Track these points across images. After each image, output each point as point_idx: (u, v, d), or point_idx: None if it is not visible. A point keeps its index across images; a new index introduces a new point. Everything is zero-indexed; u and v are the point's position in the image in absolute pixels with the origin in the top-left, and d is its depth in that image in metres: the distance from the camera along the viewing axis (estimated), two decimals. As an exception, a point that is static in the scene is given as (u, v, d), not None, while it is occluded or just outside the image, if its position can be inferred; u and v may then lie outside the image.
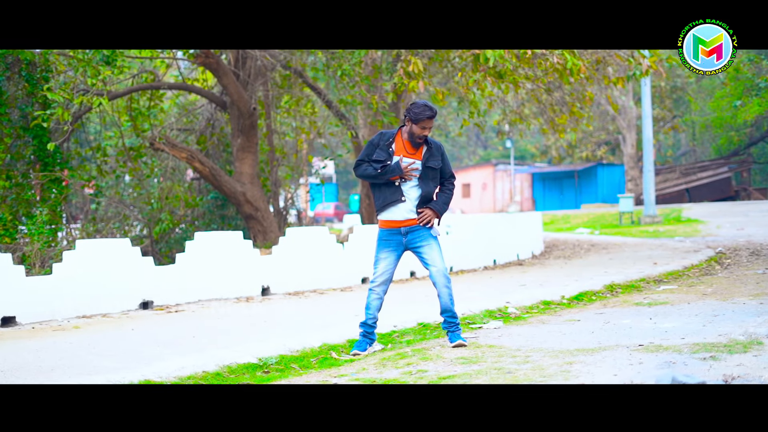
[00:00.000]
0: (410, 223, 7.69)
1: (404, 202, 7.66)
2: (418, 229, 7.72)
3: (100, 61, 13.68)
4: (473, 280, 14.50)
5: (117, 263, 11.01)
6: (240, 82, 17.50)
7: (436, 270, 7.71)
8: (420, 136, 7.56)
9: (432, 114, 7.53)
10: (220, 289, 12.17)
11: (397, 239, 7.74)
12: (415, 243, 7.74)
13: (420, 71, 14.74)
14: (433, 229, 7.78)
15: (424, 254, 7.75)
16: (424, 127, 7.53)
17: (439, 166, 7.77)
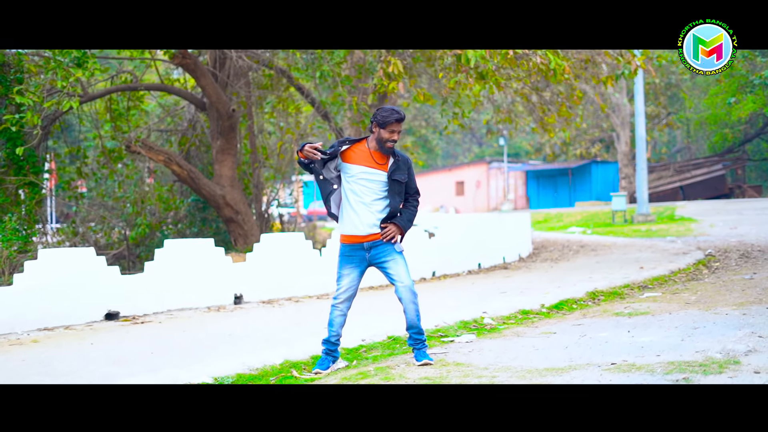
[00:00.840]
0: (373, 238, 7.34)
1: (365, 215, 7.31)
2: (382, 244, 7.36)
3: (71, 63, 13.31)
4: (454, 287, 14.17)
5: (81, 273, 10.67)
6: (219, 83, 17.16)
7: (402, 286, 7.35)
8: (389, 141, 7.20)
9: (399, 117, 7.19)
10: (191, 299, 11.84)
11: (360, 255, 7.39)
12: (379, 258, 7.39)
13: (400, 72, 14.40)
14: (397, 245, 7.43)
15: (389, 269, 7.40)
16: (393, 131, 7.18)
17: (405, 180, 7.42)
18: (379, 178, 7.28)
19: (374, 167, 7.26)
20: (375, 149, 7.29)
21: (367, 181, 7.27)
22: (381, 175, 7.28)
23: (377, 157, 7.29)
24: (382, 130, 7.20)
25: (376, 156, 7.29)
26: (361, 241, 7.32)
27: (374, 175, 7.27)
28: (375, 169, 7.26)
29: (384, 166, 7.30)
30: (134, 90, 17.40)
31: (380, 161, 7.29)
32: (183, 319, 10.90)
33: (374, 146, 7.29)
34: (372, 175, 7.26)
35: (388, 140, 7.20)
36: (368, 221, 7.29)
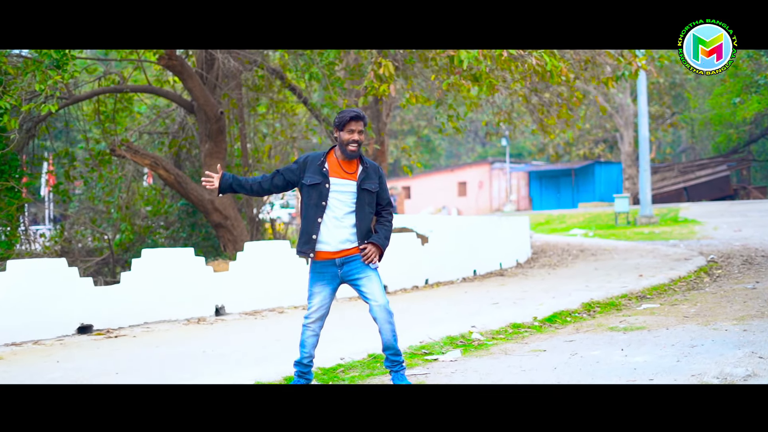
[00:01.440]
0: (345, 254, 6.83)
1: (337, 230, 6.83)
2: (355, 260, 6.86)
3: (50, 66, 12.85)
4: (445, 296, 13.69)
5: (52, 285, 10.20)
6: (207, 84, 16.71)
7: (376, 305, 6.83)
8: (350, 143, 6.71)
9: (354, 114, 6.71)
10: (170, 311, 11.38)
11: (332, 271, 6.89)
12: (352, 275, 6.88)
13: (391, 74, 13.91)
14: None
15: (362, 287, 6.87)
16: (352, 131, 6.68)
17: (376, 190, 6.92)
18: (349, 189, 6.81)
19: (344, 177, 6.80)
20: (342, 158, 6.83)
21: (338, 193, 6.80)
22: (351, 186, 6.82)
23: (345, 166, 6.82)
24: (342, 133, 6.72)
25: (344, 165, 6.83)
26: (333, 257, 6.84)
27: (345, 186, 6.79)
28: (345, 180, 6.79)
29: (353, 175, 6.84)
30: (120, 92, 16.94)
31: (349, 170, 6.83)
32: (159, 333, 10.44)
33: (340, 155, 6.83)
34: (343, 186, 6.79)
35: (349, 142, 6.70)
36: (340, 236, 6.81)
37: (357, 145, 6.73)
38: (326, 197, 6.75)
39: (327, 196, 6.75)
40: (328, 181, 6.75)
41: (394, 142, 55.85)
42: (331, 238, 6.79)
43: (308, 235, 6.79)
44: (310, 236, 6.79)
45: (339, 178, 6.78)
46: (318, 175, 6.77)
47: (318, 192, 6.77)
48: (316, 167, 6.81)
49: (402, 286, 15.03)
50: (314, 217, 6.77)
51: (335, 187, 6.76)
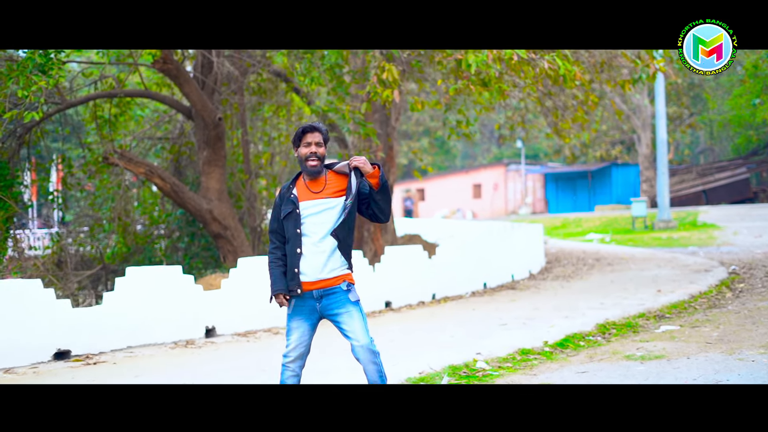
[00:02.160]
0: (324, 285, 6.07)
1: (314, 258, 6.09)
2: (335, 293, 6.11)
3: (34, 70, 12.19)
4: (452, 315, 12.95)
5: (25, 307, 9.52)
6: (205, 89, 16.02)
7: (358, 345, 6.03)
8: (309, 158, 5.98)
9: (309, 126, 6.01)
10: (156, 333, 10.69)
11: (310, 305, 6.11)
12: (331, 310, 6.08)
13: (395, 79, 13.18)
14: (352, 293, 6.18)
15: (342, 324, 6.08)
16: (309, 143, 5.96)
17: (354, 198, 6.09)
18: (323, 208, 6.02)
19: (314, 197, 6.04)
20: (306, 178, 6.10)
21: (312, 216, 6.06)
22: (325, 204, 6.02)
23: (312, 186, 6.07)
24: (300, 148, 6.04)
25: (311, 184, 6.09)
26: (310, 289, 6.10)
27: (317, 206, 6.04)
28: (316, 200, 6.04)
29: (324, 192, 6.04)
30: (113, 97, 16.25)
31: (316, 188, 6.06)
32: (142, 359, 9.74)
33: (307, 176, 6.10)
34: (315, 207, 6.03)
35: (307, 156, 5.99)
36: (317, 264, 6.06)
37: (317, 159, 6.00)
38: (299, 224, 6.03)
39: (300, 223, 6.03)
40: (298, 206, 6.04)
41: (408, 143, 55.14)
42: (308, 268, 6.06)
43: (291, 269, 6.07)
44: (293, 270, 6.06)
45: (308, 200, 6.05)
46: (288, 204, 6.07)
47: (293, 221, 6.05)
48: (286, 197, 6.11)
49: (407, 301, 14.31)
50: (293, 248, 6.06)
51: (307, 210, 6.03)
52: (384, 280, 13.92)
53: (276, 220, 6.15)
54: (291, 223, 6.05)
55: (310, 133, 5.99)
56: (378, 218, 6.15)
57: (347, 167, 6.03)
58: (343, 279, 6.11)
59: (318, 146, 5.99)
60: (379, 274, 13.91)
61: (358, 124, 15.37)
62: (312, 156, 5.98)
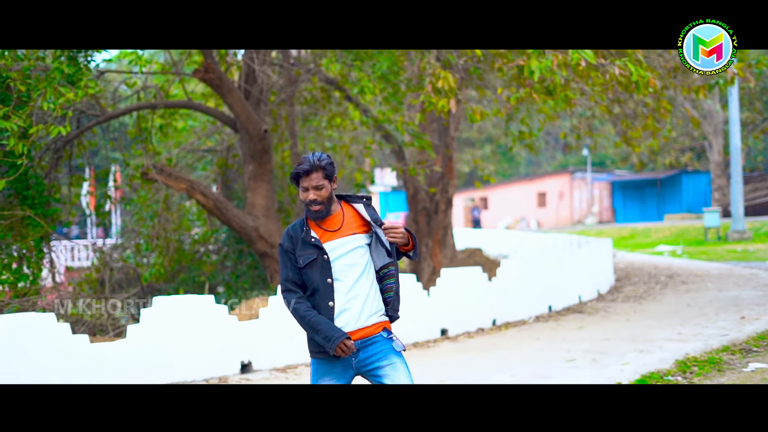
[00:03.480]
0: (362, 335, 5.02)
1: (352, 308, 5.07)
2: (375, 342, 5.04)
3: (62, 82, 11.37)
4: (513, 346, 11.80)
5: (40, 342, 8.63)
6: (250, 100, 15.10)
7: None
8: (309, 203, 4.96)
9: (305, 168, 4.93)
10: (186, 370, 9.74)
11: (344, 362, 5.08)
12: (372, 363, 5.01)
13: (451, 87, 12.16)
14: (396, 342, 5.13)
15: (386, 380, 4.97)
16: (306, 189, 4.94)
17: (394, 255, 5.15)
18: (350, 247, 5.03)
19: (335, 236, 5.02)
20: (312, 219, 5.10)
21: (342, 257, 5.03)
22: (353, 240, 5.05)
23: (325, 225, 5.03)
24: (299, 190, 5.02)
25: (323, 224, 5.04)
26: None
27: (343, 245, 5.03)
28: (340, 238, 5.03)
29: (343, 230, 5.04)
30: (155, 108, 15.43)
31: (331, 227, 5.03)
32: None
33: None
34: (342, 248, 5.02)
35: (306, 202, 5.00)
36: (354, 312, 5.00)
37: (320, 204, 4.95)
38: (329, 272, 5.00)
39: (330, 270, 5.00)
40: (325, 251, 5.01)
41: (471, 151, 54.02)
42: (342, 319, 5.04)
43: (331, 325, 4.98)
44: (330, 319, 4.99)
45: (330, 240, 5.02)
46: (308, 249, 5.01)
47: (319, 269, 5.01)
48: (302, 240, 5.04)
49: (465, 328, 13.22)
50: (324, 301, 5.01)
51: (334, 253, 5.01)
52: (440, 305, 12.85)
53: (292, 269, 5.05)
54: (317, 272, 5.00)
55: (306, 176, 4.93)
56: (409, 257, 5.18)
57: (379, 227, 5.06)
58: (383, 326, 5.08)
59: (317, 190, 4.92)
60: (435, 298, 12.84)
61: (413, 136, 14.35)
62: (312, 203, 4.96)
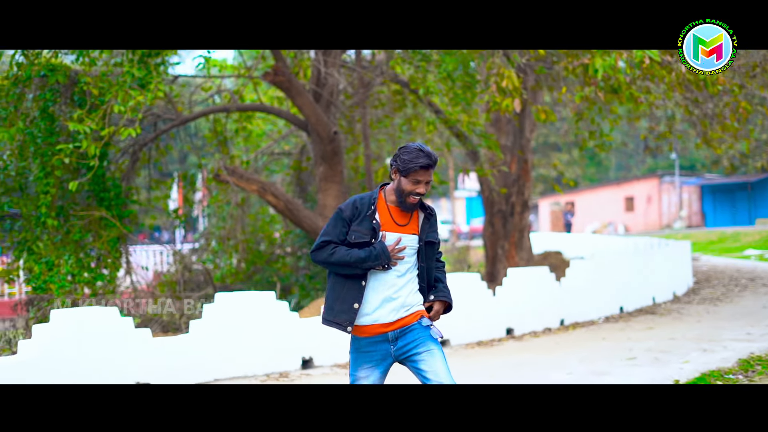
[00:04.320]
0: (401, 324, 5.16)
1: (394, 299, 5.19)
2: (412, 330, 5.17)
3: (133, 85, 11.70)
4: (577, 345, 11.74)
5: (102, 337, 8.90)
6: (321, 102, 15.28)
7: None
8: (411, 194, 5.08)
9: (428, 162, 5.03)
10: (247, 365, 9.92)
11: (383, 349, 5.20)
12: (410, 351, 5.15)
13: (516, 87, 12.14)
14: (434, 330, 5.24)
15: (422, 365, 5.12)
16: (417, 181, 5.04)
17: (437, 240, 5.33)
18: (408, 244, 5.18)
19: (399, 230, 5.17)
20: (394, 204, 5.19)
21: None
22: (410, 240, 5.19)
23: (397, 216, 5.19)
24: (404, 179, 5.08)
25: (396, 214, 5.19)
26: (385, 331, 5.17)
27: (405, 241, 5.18)
28: (400, 234, 5.17)
29: (409, 227, 5.20)
30: (228, 111, 15.72)
31: (401, 221, 5.19)
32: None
33: (393, 200, 5.20)
34: (395, 243, 5.15)
35: (410, 193, 5.08)
36: (395, 303, 5.17)
37: (420, 197, 5.12)
38: None
39: None
40: (377, 237, 5.14)
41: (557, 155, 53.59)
42: (382, 309, 5.16)
43: (348, 302, 5.15)
44: (351, 304, 5.15)
45: (392, 231, 5.17)
46: (366, 229, 5.13)
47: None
48: (364, 217, 5.15)
49: (532, 328, 13.18)
50: (358, 279, 5.15)
51: (387, 243, 5.15)
52: (505, 305, 12.84)
53: (337, 234, 5.16)
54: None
55: (425, 170, 5.06)
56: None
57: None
58: (421, 315, 5.23)
59: (427, 185, 5.09)
60: (500, 298, 12.84)
61: (480, 136, 14.37)
62: (415, 195, 5.09)
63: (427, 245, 5.24)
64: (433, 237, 5.27)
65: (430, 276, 5.30)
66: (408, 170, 5.05)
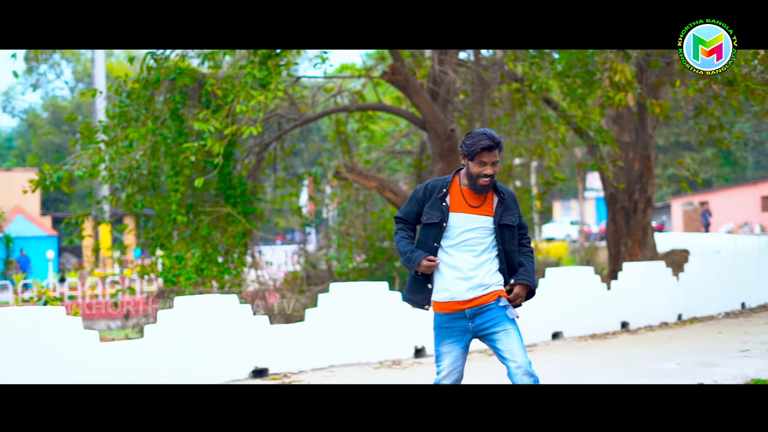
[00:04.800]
0: (477, 303, 5.41)
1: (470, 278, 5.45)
2: (489, 310, 5.40)
3: (254, 84, 12.20)
4: (691, 338, 11.68)
5: (223, 324, 9.37)
6: (438, 100, 15.54)
7: (515, 367, 5.28)
8: (481, 177, 5.33)
9: (491, 144, 5.29)
10: (360, 352, 10.27)
11: (462, 325, 5.45)
12: (486, 329, 5.41)
13: (629, 81, 12.19)
14: (510, 310, 5.46)
15: (498, 344, 5.37)
16: (483, 162, 5.30)
17: (516, 223, 5.54)
18: (480, 225, 5.43)
19: (471, 212, 5.42)
20: (467, 187, 5.45)
21: (468, 231, 5.43)
22: (483, 221, 5.43)
23: (470, 198, 5.44)
24: (471, 163, 5.36)
25: (469, 196, 5.45)
26: (462, 308, 5.43)
27: (473, 221, 5.42)
28: (473, 215, 5.41)
29: (483, 208, 5.44)
30: (347, 111, 16.14)
31: (475, 203, 5.44)
32: (339, 378, 9.34)
33: (466, 183, 5.46)
34: (470, 222, 5.41)
35: (479, 175, 5.33)
36: (470, 282, 5.42)
37: (489, 179, 5.36)
38: (440, 238, 5.43)
39: (442, 237, 5.43)
40: (447, 219, 5.41)
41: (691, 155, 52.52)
42: (457, 286, 5.42)
43: (422, 283, 5.51)
44: (424, 284, 5.50)
45: (463, 212, 5.43)
46: (436, 211, 5.45)
47: (435, 231, 5.45)
48: (436, 200, 5.48)
49: (648, 322, 13.17)
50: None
51: (461, 226, 5.42)
52: (620, 299, 12.88)
53: (411, 211, 5.57)
54: (432, 233, 5.48)
55: (488, 151, 5.31)
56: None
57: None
58: (498, 295, 5.45)
59: (494, 166, 5.35)
60: (615, 292, 12.88)
61: (596, 132, 14.40)
62: (484, 177, 5.35)
63: (504, 228, 5.46)
64: (509, 220, 5.48)
65: (511, 259, 5.52)
66: (472, 153, 5.32)
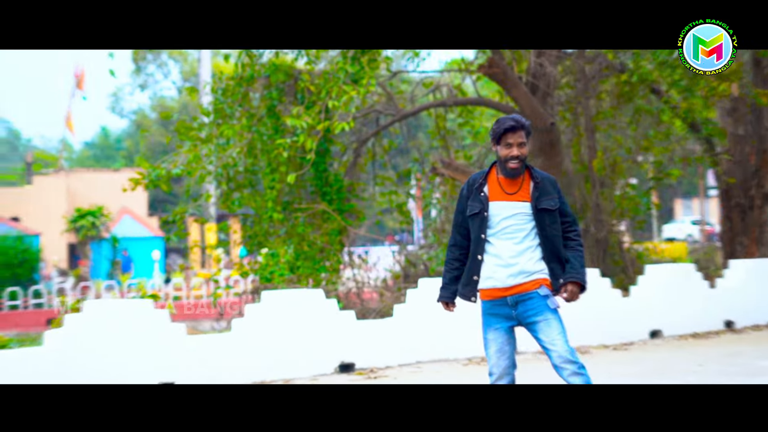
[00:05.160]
0: (518, 290, 5.33)
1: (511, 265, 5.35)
2: (531, 299, 5.32)
3: (346, 80, 12.16)
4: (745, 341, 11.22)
5: (309, 318, 9.35)
6: (537, 94, 15.23)
7: (557, 355, 5.22)
8: (509, 159, 5.28)
9: (514, 124, 5.28)
10: (448, 348, 10.14)
11: (505, 312, 5.39)
12: (528, 318, 5.34)
13: (734, 70, 11.74)
14: (551, 300, 5.33)
15: (540, 333, 5.31)
16: (510, 144, 5.27)
17: (557, 207, 5.41)
18: (518, 211, 5.36)
19: (508, 199, 5.37)
20: (503, 175, 5.40)
21: (505, 219, 5.38)
22: (521, 207, 5.36)
23: (507, 186, 5.38)
24: (499, 147, 5.36)
25: (505, 184, 5.39)
26: (504, 295, 5.36)
27: (511, 208, 5.36)
28: (510, 202, 5.36)
29: (519, 194, 5.38)
30: (444, 106, 15.97)
31: (510, 189, 5.38)
32: (426, 374, 9.21)
33: (502, 173, 5.41)
34: (507, 210, 5.36)
35: (507, 158, 5.29)
36: (510, 270, 5.34)
37: (518, 161, 5.31)
38: (485, 228, 5.40)
39: (486, 226, 5.40)
40: (487, 208, 5.39)
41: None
42: (499, 273, 5.36)
43: (469, 275, 5.49)
44: (470, 277, 5.49)
45: (500, 200, 5.39)
46: (476, 202, 5.45)
47: (478, 223, 5.45)
48: (475, 192, 5.48)
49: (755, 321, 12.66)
50: (475, 252, 5.45)
51: (500, 214, 5.38)
52: (725, 297, 12.40)
53: (460, 213, 5.58)
54: (476, 225, 5.47)
55: (512, 132, 5.30)
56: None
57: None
58: (540, 284, 5.37)
59: (520, 147, 5.32)
60: (719, 290, 12.42)
61: (702, 124, 13.92)
62: (513, 158, 5.30)
63: (542, 212, 5.37)
64: (547, 204, 5.38)
65: (554, 247, 5.41)
66: (498, 136, 5.33)
